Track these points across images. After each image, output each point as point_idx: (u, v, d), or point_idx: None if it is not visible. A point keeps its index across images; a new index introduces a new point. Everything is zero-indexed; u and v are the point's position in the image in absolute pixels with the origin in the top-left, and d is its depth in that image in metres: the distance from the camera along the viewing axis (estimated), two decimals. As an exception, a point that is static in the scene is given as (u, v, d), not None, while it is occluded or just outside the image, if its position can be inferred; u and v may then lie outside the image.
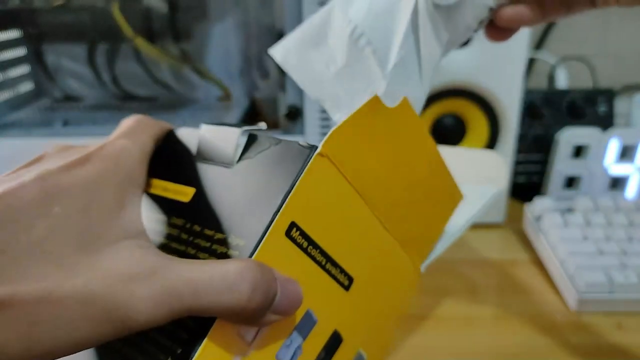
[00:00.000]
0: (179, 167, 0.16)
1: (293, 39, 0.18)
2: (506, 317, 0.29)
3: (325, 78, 0.17)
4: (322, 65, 0.17)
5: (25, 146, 0.35)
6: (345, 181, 0.15)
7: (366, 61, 0.17)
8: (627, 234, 0.33)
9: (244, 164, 0.15)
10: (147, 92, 0.45)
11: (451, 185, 0.19)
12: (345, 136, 0.14)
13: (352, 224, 0.15)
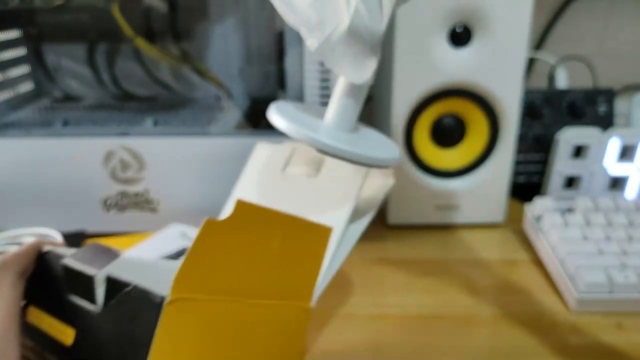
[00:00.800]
0: (55, 299, 0.18)
1: None
2: (506, 317, 0.29)
3: (300, 6, 0.19)
4: None
5: (25, 146, 0.35)
6: (204, 311, 0.16)
7: None
8: (627, 234, 0.33)
9: (108, 310, 0.16)
10: (146, 92, 0.45)
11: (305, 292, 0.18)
12: (190, 274, 0.16)
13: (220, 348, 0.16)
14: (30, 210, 0.36)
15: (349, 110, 0.22)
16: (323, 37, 0.19)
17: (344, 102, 0.22)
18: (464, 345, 0.27)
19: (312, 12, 0.19)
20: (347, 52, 0.19)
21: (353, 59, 0.19)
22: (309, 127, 0.21)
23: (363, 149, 0.21)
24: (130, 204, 0.36)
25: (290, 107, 0.24)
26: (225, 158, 0.35)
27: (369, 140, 0.24)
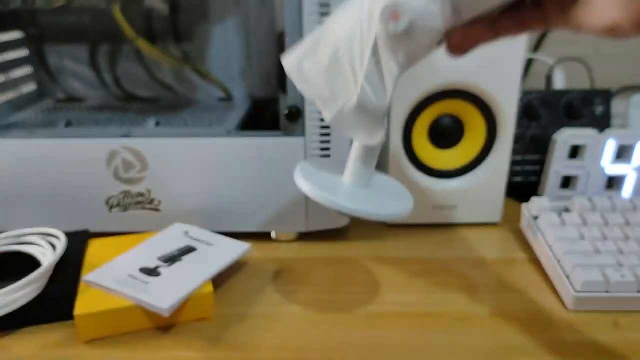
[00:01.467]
0: None
1: (295, 52, 0.23)
2: (503, 316, 0.30)
3: (315, 81, 0.23)
4: (314, 71, 0.22)
5: (29, 147, 0.35)
6: None
7: (343, 68, 0.22)
8: (623, 233, 0.34)
9: None
10: (149, 93, 0.46)
11: None
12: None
13: None
14: (34, 211, 0.37)
15: (364, 168, 0.25)
16: (336, 110, 0.22)
17: (359, 162, 0.25)
18: (462, 343, 0.28)
19: (325, 88, 0.22)
20: (357, 123, 0.22)
21: (363, 128, 0.23)
22: (329, 188, 0.24)
23: (378, 207, 0.24)
24: (133, 204, 0.37)
25: (313, 168, 0.27)
26: (227, 158, 0.35)
27: (383, 192, 0.27)
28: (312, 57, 0.22)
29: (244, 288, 0.33)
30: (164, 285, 0.29)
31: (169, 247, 0.33)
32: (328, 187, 0.25)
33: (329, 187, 0.25)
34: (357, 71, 0.21)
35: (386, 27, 0.20)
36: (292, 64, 0.23)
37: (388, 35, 0.20)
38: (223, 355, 0.27)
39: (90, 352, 0.27)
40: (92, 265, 0.31)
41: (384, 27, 0.20)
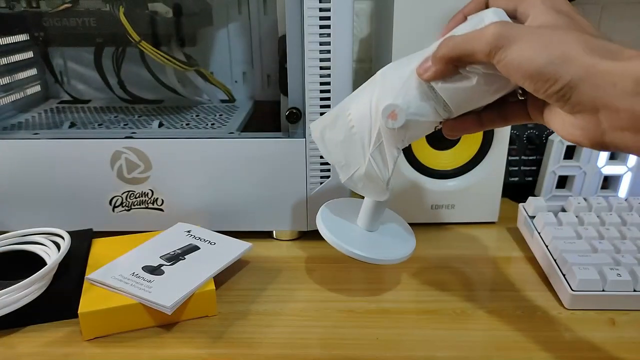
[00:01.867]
0: None
1: (320, 122, 0.28)
2: (500, 314, 0.30)
3: (333, 149, 0.27)
4: (333, 141, 0.27)
5: (33, 147, 0.36)
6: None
7: (355, 143, 0.26)
8: (619, 232, 0.34)
9: None
10: (152, 94, 0.46)
11: None
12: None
13: None
14: (38, 210, 0.37)
15: (373, 217, 0.30)
16: (348, 175, 0.27)
17: (369, 212, 0.30)
18: (459, 340, 0.28)
19: (341, 156, 0.27)
20: (365, 186, 0.27)
21: (370, 190, 0.28)
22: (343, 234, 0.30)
23: (382, 253, 0.30)
24: (136, 204, 0.37)
25: (332, 213, 0.32)
26: (229, 159, 0.36)
27: (390, 234, 0.32)
28: (332, 129, 0.27)
29: (246, 286, 0.33)
30: (167, 284, 0.29)
31: (172, 246, 0.34)
32: (342, 233, 0.30)
33: (343, 233, 0.30)
34: (366, 147, 0.26)
35: (386, 123, 0.24)
36: (316, 132, 0.28)
37: (388, 128, 0.24)
38: (225, 352, 0.27)
39: (93, 350, 0.27)
40: (96, 264, 0.31)
41: (385, 123, 0.24)
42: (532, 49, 0.18)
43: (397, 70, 0.24)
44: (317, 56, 0.33)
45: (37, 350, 0.27)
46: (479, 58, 0.20)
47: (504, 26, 0.19)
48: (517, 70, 0.19)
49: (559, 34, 0.19)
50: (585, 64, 0.18)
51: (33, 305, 0.28)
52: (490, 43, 0.19)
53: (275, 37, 0.35)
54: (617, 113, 0.17)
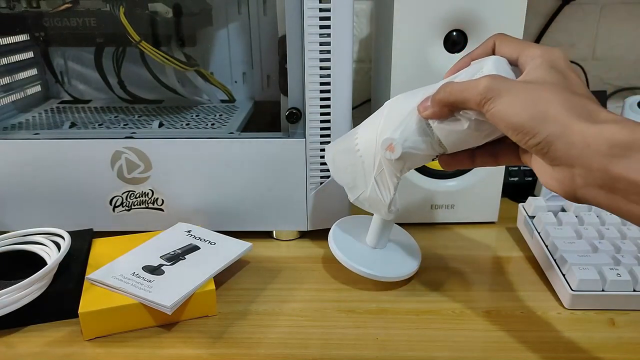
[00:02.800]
0: None
1: (333, 145, 0.31)
2: (500, 313, 0.30)
3: (342, 172, 0.30)
4: (342, 165, 0.30)
5: (34, 147, 0.36)
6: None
7: (361, 168, 0.29)
8: (619, 233, 0.34)
9: None
10: (152, 94, 0.46)
11: None
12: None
13: None
14: (39, 210, 0.37)
15: (381, 234, 0.33)
16: (355, 196, 0.30)
17: (377, 230, 0.33)
18: (459, 340, 0.28)
19: (350, 179, 0.30)
20: (372, 206, 0.30)
21: (376, 209, 0.30)
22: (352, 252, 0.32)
23: (388, 270, 0.32)
24: (137, 204, 0.37)
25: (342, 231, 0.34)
26: (229, 159, 0.36)
27: (397, 251, 0.34)
28: (342, 154, 0.30)
29: (246, 286, 0.33)
30: (167, 284, 0.29)
31: (172, 246, 0.34)
32: (352, 251, 0.32)
33: (352, 251, 0.32)
34: (370, 173, 0.28)
35: (384, 154, 0.27)
36: (329, 155, 0.31)
37: (387, 159, 0.27)
38: (225, 352, 0.27)
39: (94, 350, 0.27)
40: (96, 263, 0.31)
41: (383, 154, 0.27)
42: (517, 104, 0.20)
43: (400, 105, 0.26)
44: (317, 56, 0.33)
45: (38, 350, 0.27)
46: (471, 106, 0.22)
47: (495, 79, 0.21)
48: (502, 121, 0.20)
49: (544, 92, 0.20)
50: (563, 123, 0.19)
51: (33, 305, 0.28)
52: (481, 94, 0.21)
53: (275, 37, 0.35)
54: (591, 172, 0.19)
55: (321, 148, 0.35)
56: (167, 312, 0.28)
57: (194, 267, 0.31)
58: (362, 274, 0.31)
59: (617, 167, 0.18)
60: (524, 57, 0.23)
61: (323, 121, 0.35)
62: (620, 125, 0.18)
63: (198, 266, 0.31)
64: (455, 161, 0.26)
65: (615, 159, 0.18)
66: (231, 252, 0.33)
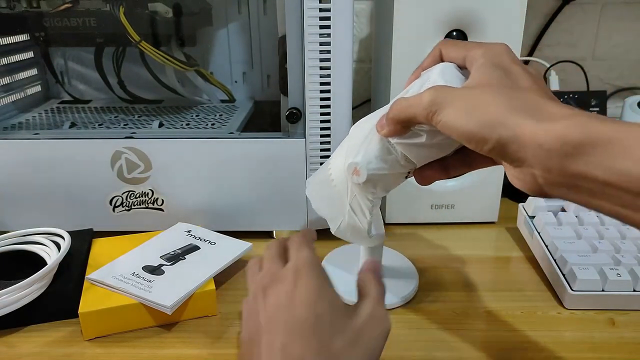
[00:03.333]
0: None
1: (312, 178, 0.30)
2: (500, 313, 0.30)
3: (322, 204, 0.29)
4: (320, 197, 0.29)
5: (34, 147, 0.36)
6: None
7: (337, 197, 0.28)
8: (619, 233, 0.34)
9: None
10: (152, 94, 0.46)
11: None
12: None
13: None
14: (39, 210, 0.37)
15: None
16: (336, 227, 0.29)
17: (366, 258, 0.32)
18: (459, 339, 0.28)
19: (328, 210, 0.29)
20: (353, 235, 0.29)
21: (357, 238, 0.29)
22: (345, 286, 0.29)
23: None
24: (137, 204, 0.37)
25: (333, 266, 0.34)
26: (229, 159, 0.36)
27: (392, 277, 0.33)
28: (319, 185, 0.29)
29: (246, 286, 0.33)
30: (167, 284, 0.29)
31: (172, 246, 0.34)
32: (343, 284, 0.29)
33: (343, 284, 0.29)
34: (345, 201, 0.27)
35: (352, 179, 0.26)
36: (309, 190, 0.30)
37: (356, 184, 0.26)
38: (225, 352, 0.27)
39: (94, 350, 0.27)
40: (96, 263, 0.31)
41: (351, 179, 0.26)
42: (461, 114, 0.20)
43: (362, 127, 0.26)
44: (317, 56, 0.33)
45: (38, 350, 0.27)
46: (420, 120, 0.22)
47: (437, 91, 0.21)
48: (452, 131, 0.20)
49: (486, 95, 0.20)
50: (511, 125, 0.18)
51: (33, 305, 0.28)
52: (426, 108, 0.21)
53: (275, 37, 0.35)
54: (550, 172, 0.18)
55: (321, 148, 0.35)
56: (167, 312, 0.28)
57: (194, 267, 0.31)
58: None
59: (575, 165, 0.17)
60: (469, 59, 0.22)
61: (323, 121, 0.35)
62: (572, 120, 0.17)
63: (198, 266, 0.31)
64: (428, 175, 0.25)
65: (571, 157, 0.17)
66: (231, 252, 0.33)
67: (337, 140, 0.35)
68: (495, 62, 0.21)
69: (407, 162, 0.25)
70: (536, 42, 0.57)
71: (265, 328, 0.19)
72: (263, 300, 0.21)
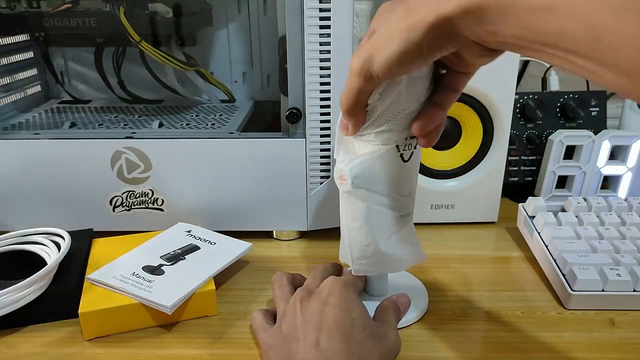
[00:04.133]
0: None
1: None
2: (500, 313, 0.30)
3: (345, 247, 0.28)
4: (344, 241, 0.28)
5: (34, 147, 0.36)
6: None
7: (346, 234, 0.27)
8: (619, 233, 0.34)
9: None
10: (152, 94, 0.46)
11: None
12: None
13: None
14: (39, 210, 0.37)
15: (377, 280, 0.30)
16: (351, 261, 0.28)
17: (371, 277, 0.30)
18: (459, 339, 0.28)
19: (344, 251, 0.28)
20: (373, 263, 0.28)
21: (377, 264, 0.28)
22: None
23: None
24: (137, 204, 0.37)
25: None
26: (229, 159, 0.36)
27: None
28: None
29: (246, 286, 0.33)
30: (167, 284, 0.29)
31: (172, 246, 0.34)
32: None
33: None
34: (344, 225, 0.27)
35: (338, 186, 0.26)
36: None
37: (347, 193, 0.26)
38: (225, 352, 0.27)
39: (94, 350, 0.27)
40: (96, 264, 0.31)
41: (341, 189, 0.26)
42: (387, 43, 0.19)
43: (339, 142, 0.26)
44: (317, 56, 0.33)
45: (38, 350, 0.27)
46: (365, 88, 0.21)
47: (357, 52, 0.21)
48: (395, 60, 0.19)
49: (392, 17, 0.20)
50: (425, 14, 0.18)
51: (33, 305, 0.28)
52: (361, 72, 0.20)
53: (275, 37, 0.35)
54: (479, 38, 0.17)
55: (321, 148, 0.35)
56: (167, 312, 0.28)
57: (194, 267, 0.31)
58: None
59: (491, 27, 0.17)
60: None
61: (323, 121, 0.35)
62: None
63: (198, 266, 0.31)
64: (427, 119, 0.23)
65: (482, 23, 0.17)
66: (231, 252, 0.33)
67: (337, 140, 0.35)
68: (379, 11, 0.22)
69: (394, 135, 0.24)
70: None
71: (301, 329, 0.24)
72: (301, 310, 0.25)
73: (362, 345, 0.23)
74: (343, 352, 0.22)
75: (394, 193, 0.26)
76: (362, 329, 0.24)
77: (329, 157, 0.36)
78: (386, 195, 0.26)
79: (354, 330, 0.23)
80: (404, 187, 0.26)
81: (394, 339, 0.25)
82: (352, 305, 0.25)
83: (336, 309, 0.24)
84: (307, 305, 0.25)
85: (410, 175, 0.26)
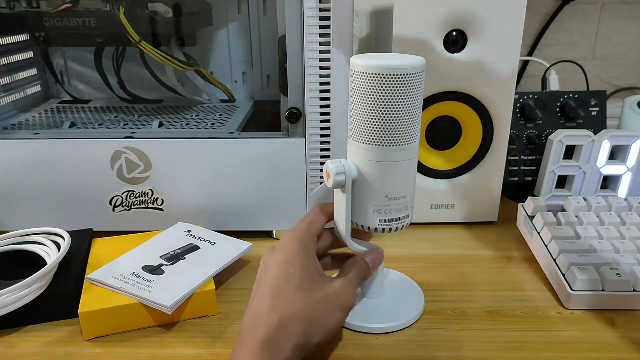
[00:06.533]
0: None
1: None
2: (500, 313, 0.30)
3: None
4: None
5: (34, 147, 0.36)
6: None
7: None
8: (619, 233, 0.34)
9: None
10: (152, 94, 0.46)
11: None
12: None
13: None
14: (39, 210, 0.37)
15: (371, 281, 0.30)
16: None
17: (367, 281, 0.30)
18: (459, 339, 0.28)
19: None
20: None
21: None
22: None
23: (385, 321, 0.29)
24: (137, 204, 0.37)
25: None
26: (229, 159, 0.36)
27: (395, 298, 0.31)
28: None
29: (246, 286, 0.33)
30: (167, 284, 0.29)
31: (172, 246, 0.34)
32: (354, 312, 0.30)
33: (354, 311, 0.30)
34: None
35: (325, 183, 0.27)
36: None
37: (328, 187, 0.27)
38: (225, 352, 0.27)
39: (94, 350, 0.27)
40: (96, 263, 0.32)
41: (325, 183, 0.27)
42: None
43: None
44: (317, 56, 0.33)
45: (38, 350, 0.27)
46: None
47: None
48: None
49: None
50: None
51: (33, 305, 0.28)
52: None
53: (275, 37, 0.35)
54: None
55: (321, 148, 0.35)
56: (167, 312, 0.28)
57: (194, 267, 0.31)
58: (358, 329, 0.29)
59: None
60: None
61: (323, 121, 0.35)
62: None
63: (198, 266, 0.31)
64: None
65: None
66: (231, 252, 0.33)
67: (337, 140, 0.35)
68: None
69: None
70: (536, 42, 0.57)
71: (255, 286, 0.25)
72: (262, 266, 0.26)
73: (291, 300, 0.23)
74: (270, 307, 0.23)
75: (379, 195, 0.26)
76: (298, 283, 0.24)
77: (329, 157, 0.36)
78: (371, 196, 0.26)
79: (288, 284, 0.24)
80: (394, 190, 0.26)
81: (336, 291, 0.24)
82: (293, 259, 0.25)
83: (275, 265, 0.25)
84: (263, 262, 0.26)
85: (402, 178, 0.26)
